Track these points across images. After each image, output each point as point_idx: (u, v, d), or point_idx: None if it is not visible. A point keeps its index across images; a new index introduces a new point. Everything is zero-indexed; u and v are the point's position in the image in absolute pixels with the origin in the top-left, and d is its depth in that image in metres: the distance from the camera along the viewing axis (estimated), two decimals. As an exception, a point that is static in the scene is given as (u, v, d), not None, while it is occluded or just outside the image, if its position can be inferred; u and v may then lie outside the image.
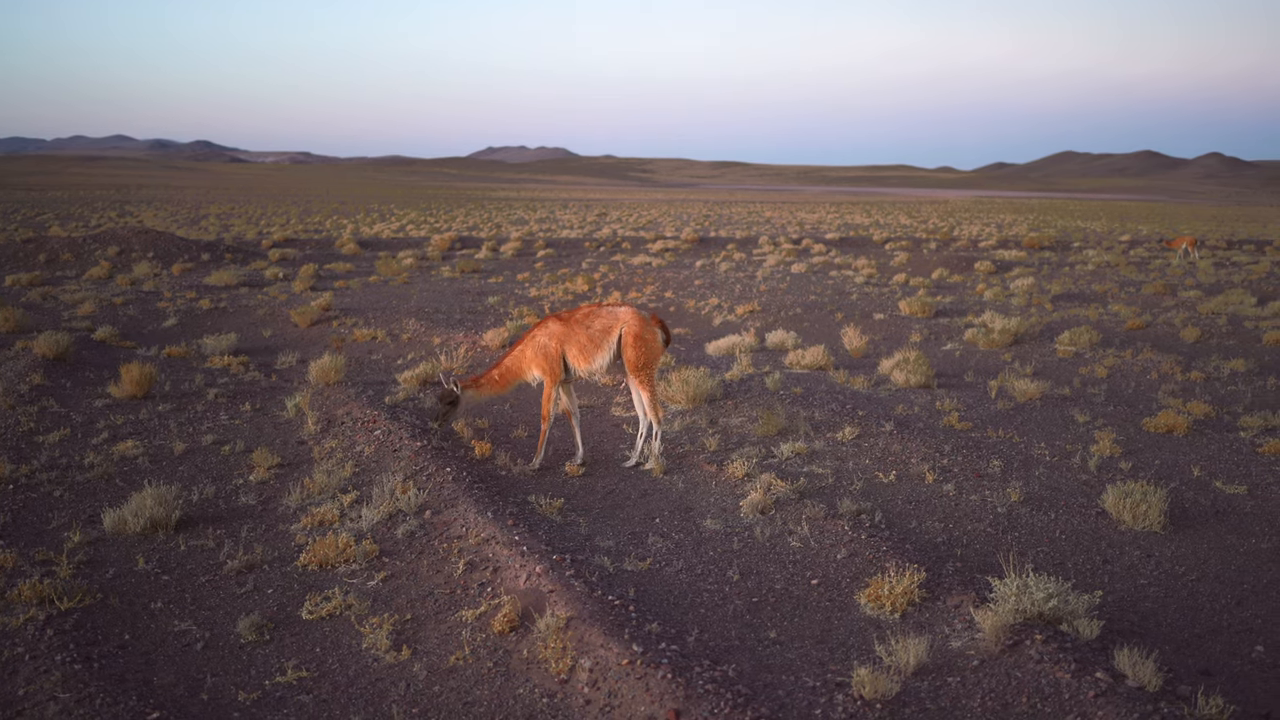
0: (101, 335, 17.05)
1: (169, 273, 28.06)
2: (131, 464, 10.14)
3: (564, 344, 9.85)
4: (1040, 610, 6.14)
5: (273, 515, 8.78)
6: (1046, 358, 15.72)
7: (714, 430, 11.11)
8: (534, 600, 6.59)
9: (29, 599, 6.87)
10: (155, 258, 30.35)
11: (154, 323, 19.26)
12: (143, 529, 8.23)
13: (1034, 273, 30.94)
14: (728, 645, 6.28)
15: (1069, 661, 5.64)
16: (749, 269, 31.45)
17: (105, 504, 8.88)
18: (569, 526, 8.30)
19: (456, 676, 6.05)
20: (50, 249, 31.24)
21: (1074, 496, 8.95)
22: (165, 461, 10.29)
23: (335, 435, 10.93)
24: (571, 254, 37.52)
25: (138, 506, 8.31)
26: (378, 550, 7.79)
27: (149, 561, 7.75)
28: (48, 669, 6.00)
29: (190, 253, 31.62)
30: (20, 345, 15.67)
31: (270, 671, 6.20)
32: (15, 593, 6.92)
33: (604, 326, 9.84)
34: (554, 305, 21.55)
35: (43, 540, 8.16)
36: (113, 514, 8.36)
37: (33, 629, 6.51)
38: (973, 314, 20.40)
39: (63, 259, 30.41)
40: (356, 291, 24.55)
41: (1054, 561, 7.60)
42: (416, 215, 73.33)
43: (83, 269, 28.72)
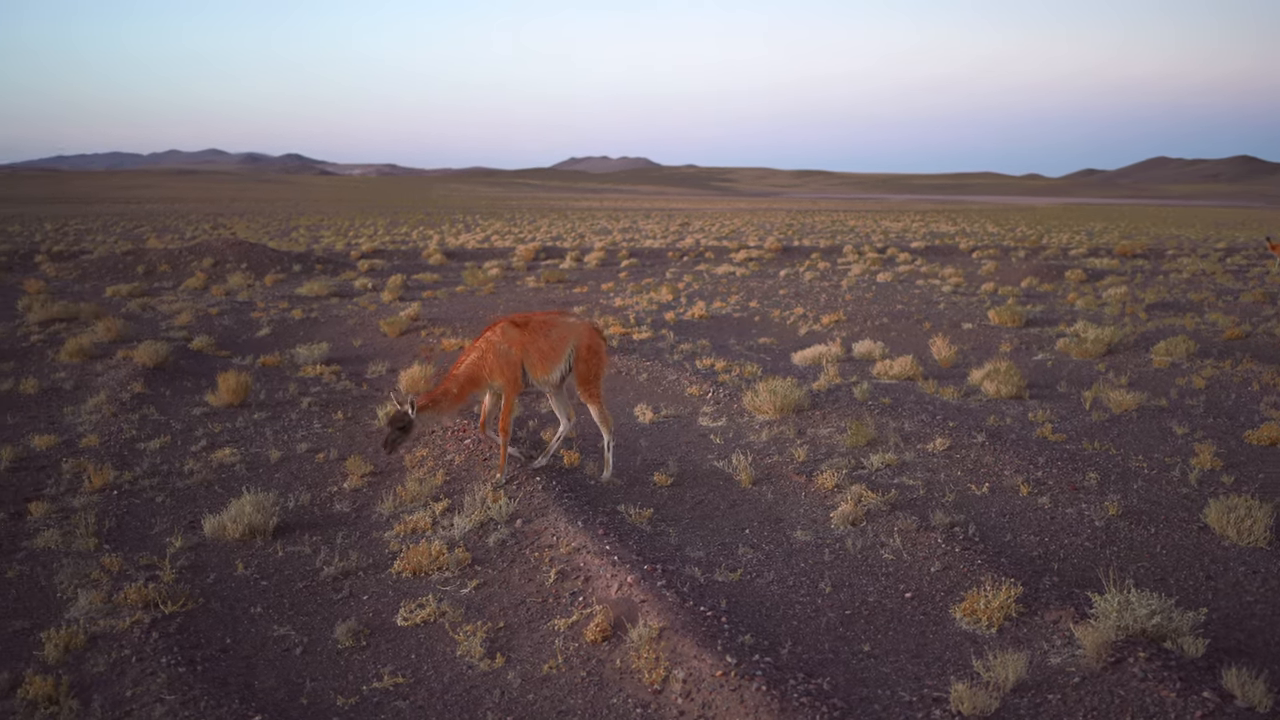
0: (198, 345, 17.42)
1: (262, 283, 28.59)
2: (229, 471, 10.35)
3: (524, 351, 9.46)
4: (1143, 627, 6.02)
5: (366, 522, 8.91)
6: (1142, 368, 15.41)
7: (802, 441, 11.05)
8: (626, 610, 6.60)
9: (135, 602, 7.04)
10: (248, 269, 30.93)
11: (248, 332, 19.64)
12: (242, 535, 8.40)
13: (1126, 281, 30.35)
14: (821, 658, 6.24)
15: (1174, 680, 5.52)
16: (834, 278, 31.25)
17: (205, 510, 9.08)
18: (659, 536, 8.30)
19: (550, 685, 6.08)
20: (148, 261, 32.01)
21: (1174, 510, 8.75)
22: (262, 469, 10.49)
23: (426, 444, 11.04)
24: (655, 264, 37.56)
25: (237, 513, 8.48)
26: (470, 558, 7.86)
27: (248, 567, 7.91)
28: (154, 671, 6.15)
29: (282, 264, 32.20)
30: (122, 354, 16.08)
31: (367, 677, 6.28)
32: (122, 596, 7.11)
33: (561, 336, 9.59)
34: (639, 315, 21.58)
35: (146, 545, 8.36)
36: (213, 520, 8.55)
37: (139, 632, 6.68)
38: (1064, 323, 20.06)
39: (160, 270, 31.13)
40: (443, 301, 24.81)
41: (1155, 577, 7.44)
42: (501, 226, 73.93)
43: (179, 280, 29.38)
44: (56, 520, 8.85)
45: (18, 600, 7.33)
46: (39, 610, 7.17)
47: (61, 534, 8.42)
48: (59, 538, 8.34)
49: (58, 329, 19.42)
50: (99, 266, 31.81)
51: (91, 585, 7.42)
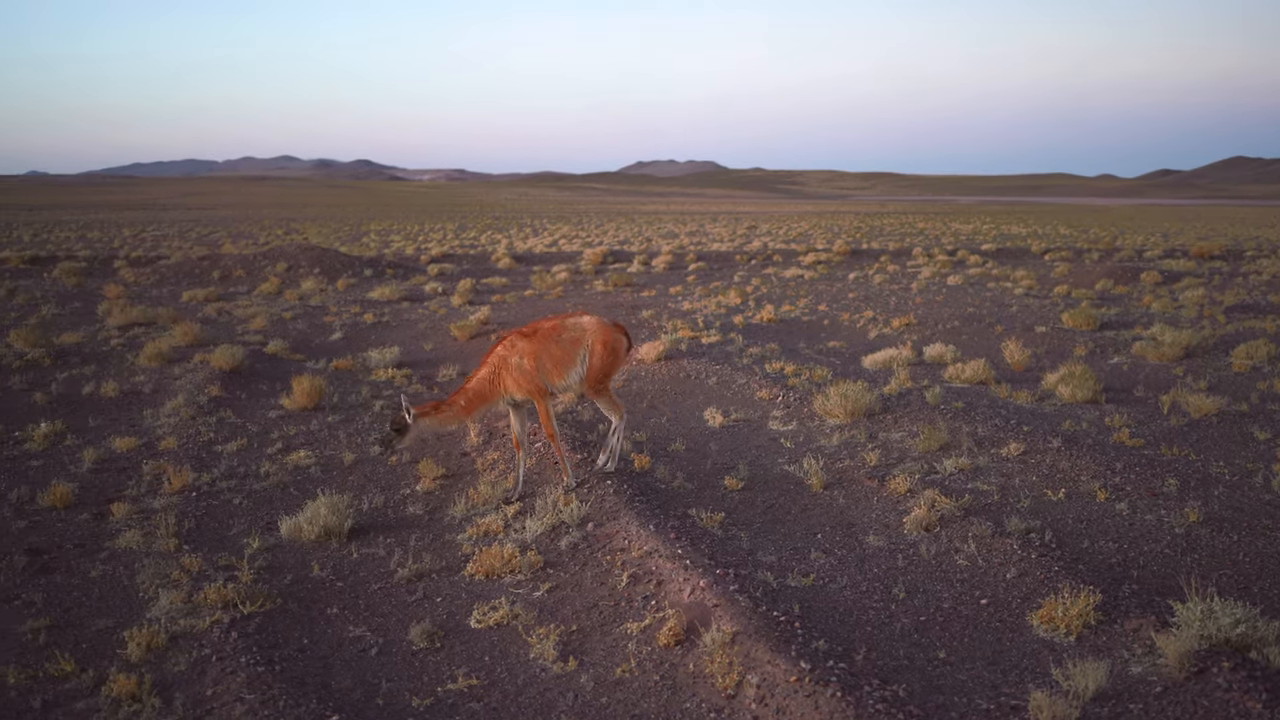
0: (273, 349, 17.67)
1: (334, 288, 28.94)
2: (304, 473, 10.49)
3: (537, 360, 9.36)
4: (1227, 636, 5.90)
5: (439, 525, 8.98)
6: (1221, 371, 15.12)
7: (873, 445, 10.96)
8: (699, 614, 6.59)
9: (214, 602, 7.16)
10: (321, 273, 31.34)
11: (321, 336, 19.89)
12: (317, 536, 8.50)
13: (1204, 283, 29.82)
14: (896, 664, 6.18)
15: (1260, 691, 5.40)
16: (903, 281, 31.01)
17: (281, 512, 9.21)
18: (730, 541, 8.28)
19: (623, 689, 6.08)
20: (224, 266, 32.54)
21: (1257, 518, 8.57)
22: (336, 471, 10.61)
23: (497, 447, 11.12)
24: (723, 267, 37.52)
25: (312, 515, 8.58)
26: (542, 561, 7.89)
27: (324, 568, 8.00)
28: (233, 670, 6.24)
29: (354, 268, 32.58)
30: (199, 358, 16.36)
31: (441, 678, 6.33)
32: (201, 596, 7.23)
33: (573, 339, 9.46)
34: (707, 318, 21.56)
35: (225, 546, 8.49)
36: (289, 521, 8.67)
37: (218, 631, 6.78)
38: (1140, 326, 19.75)
39: (235, 275, 31.63)
40: (513, 305, 24.96)
41: (1238, 585, 7.28)
42: (569, 230, 74.22)
43: (254, 284, 29.83)
44: (138, 521, 9.02)
45: (101, 599, 7.48)
46: (121, 609, 7.30)
47: (142, 534, 8.59)
48: (140, 538, 8.50)
49: (137, 333, 19.82)
50: (176, 272, 32.38)
51: (172, 585, 7.55)
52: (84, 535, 8.75)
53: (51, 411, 13.16)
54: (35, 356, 16.51)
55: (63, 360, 16.62)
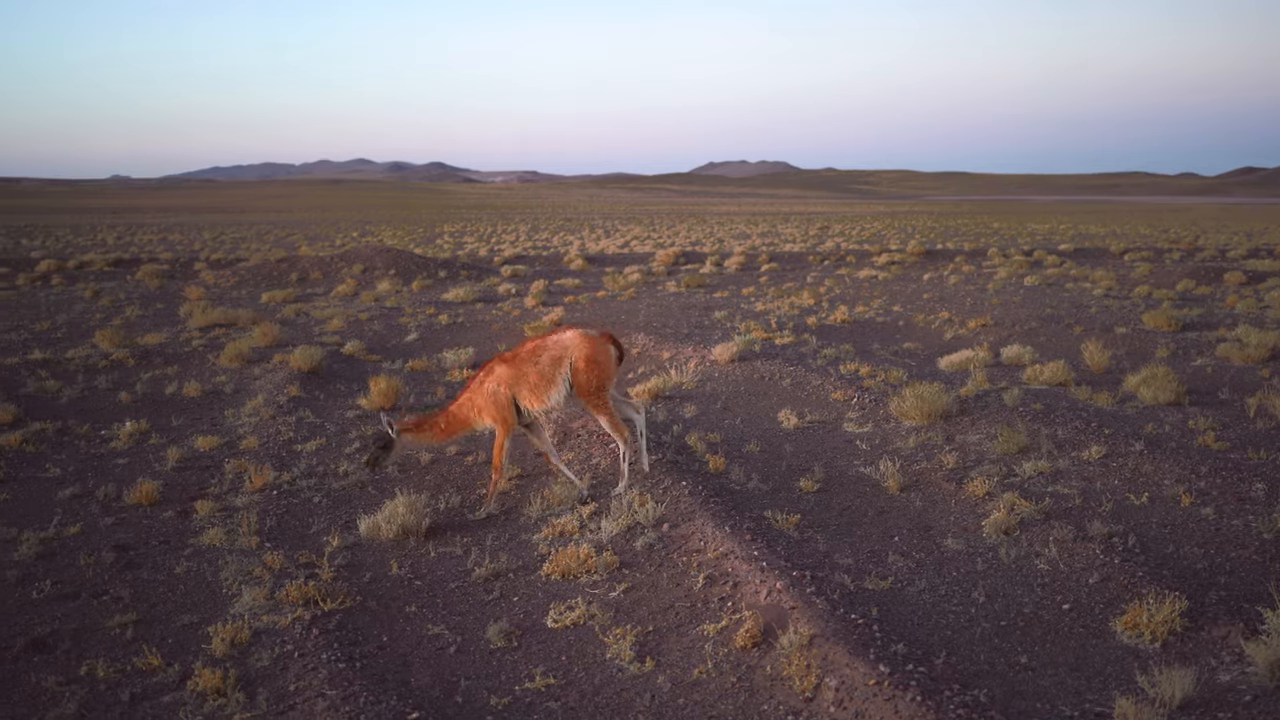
0: (350, 349, 17.88)
1: (409, 289, 29.23)
2: (382, 473, 10.60)
3: (513, 387, 9.33)
4: (1319, 644, 5.77)
5: (515, 525, 9.03)
6: (1309, 374, 14.76)
7: (950, 447, 10.85)
8: (775, 616, 6.56)
9: (295, 599, 7.26)
10: (396, 275, 31.66)
11: (397, 337, 20.09)
12: (395, 535, 8.59)
13: (1290, 283, 29.14)
14: (977, 669, 6.11)
15: (1354, 700, 5.27)
16: (979, 281, 30.65)
17: (360, 510, 9.32)
18: (806, 543, 8.23)
19: (700, 690, 6.07)
20: (301, 268, 33.00)
21: (1349, 523, 8.36)
22: (413, 471, 10.72)
23: (571, 447, 11.17)
24: (795, 268, 37.36)
25: (390, 514, 8.68)
26: (618, 562, 7.91)
27: (402, 567, 8.08)
28: (314, 666, 6.33)
29: (428, 270, 32.87)
30: (278, 359, 16.62)
31: (519, 677, 6.36)
32: (283, 593, 7.34)
33: (553, 359, 9.35)
34: (780, 319, 21.48)
35: (305, 544, 8.62)
36: (368, 520, 8.77)
37: (300, 628, 6.88)
38: (1224, 328, 19.34)
39: (312, 277, 32.07)
40: (585, 306, 25.03)
41: (1329, 592, 7.11)
42: (640, 231, 74.31)
43: (330, 286, 30.20)
44: (220, 518, 9.18)
45: (186, 595, 7.62)
46: (205, 605, 7.43)
47: (225, 532, 8.73)
48: (223, 535, 8.65)
49: (217, 334, 20.16)
50: (255, 274, 32.89)
51: (254, 582, 7.67)
52: (169, 532, 8.93)
53: (136, 411, 13.43)
54: (120, 357, 16.86)
55: (146, 360, 16.95)
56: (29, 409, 13.47)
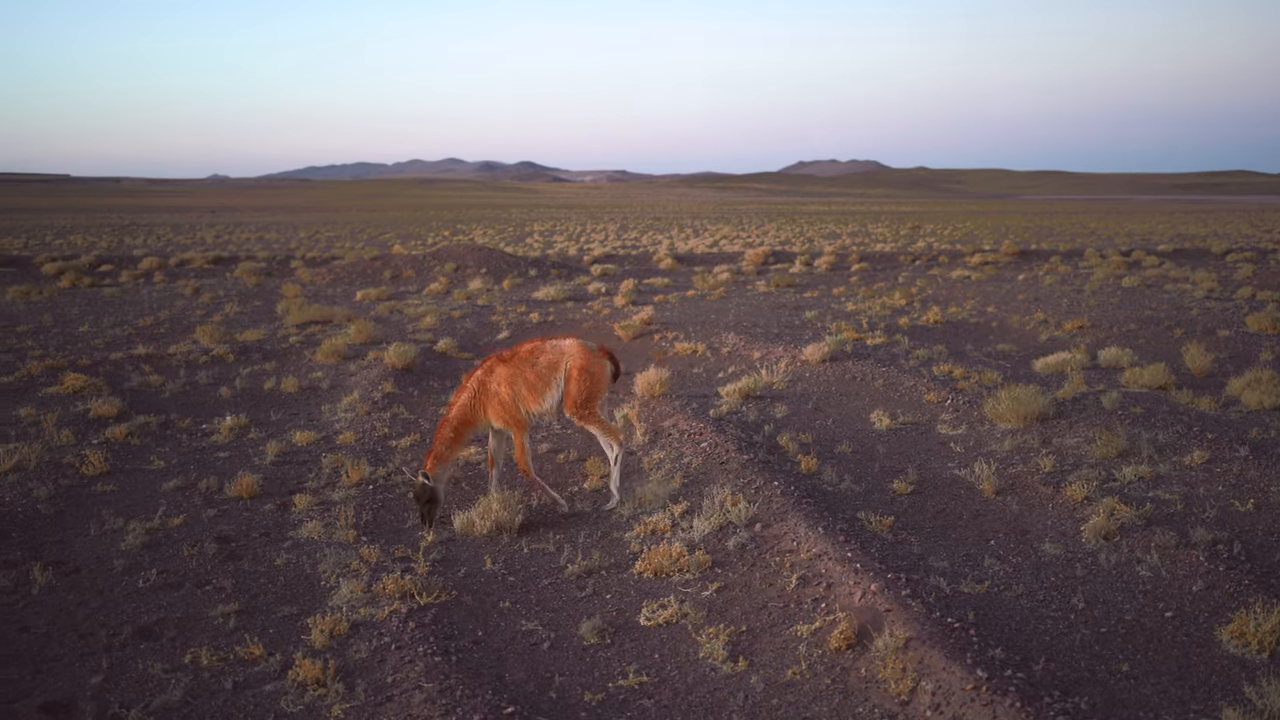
0: (442, 347, 18.08)
1: (500, 287, 29.48)
2: (475, 469, 10.70)
3: (513, 386, 9.27)
4: None
5: (606, 523, 9.07)
6: None
7: (1047, 450, 10.67)
8: (870, 618, 6.51)
9: (392, 593, 7.37)
10: (487, 273, 31.95)
11: (488, 335, 20.28)
12: (489, 531, 8.68)
13: (1402, 286, 28.20)
14: (1077, 676, 6.00)
15: None
16: (1075, 282, 30.10)
17: (454, 506, 9.42)
18: (900, 545, 8.16)
19: (794, 691, 6.05)
20: (394, 266, 33.46)
21: None
22: (506, 467, 10.80)
23: (663, 446, 11.18)
24: (886, 268, 37.02)
25: (484, 509, 8.77)
26: (710, 561, 7.90)
27: (495, 562, 8.16)
28: (411, 659, 6.41)
29: (519, 268, 33.13)
30: (372, 355, 16.88)
31: (612, 674, 6.39)
32: (380, 586, 7.45)
33: (549, 362, 9.33)
34: (871, 320, 21.30)
35: (400, 538, 8.74)
36: (462, 516, 8.86)
37: (396, 621, 6.98)
38: (1333, 331, 18.78)
39: (405, 275, 32.50)
40: (675, 306, 25.05)
41: None
42: (729, 230, 74.16)
43: (423, 284, 30.58)
44: (318, 512, 9.35)
45: (285, 587, 7.77)
46: (305, 597, 7.57)
47: (323, 525, 8.89)
48: (321, 529, 8.80)
49: (314, 331, 20.51)
50: (349, 272, 33.41)
51: (352, 575, 7.80)
52: (269, 525, 9.11)
53: (236, 405, 13.73)
54: (220, 353, 17.24)
55: (245, 356, 17.31)
56: (134, 403, 13.84)
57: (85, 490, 10.07)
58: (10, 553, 8.35)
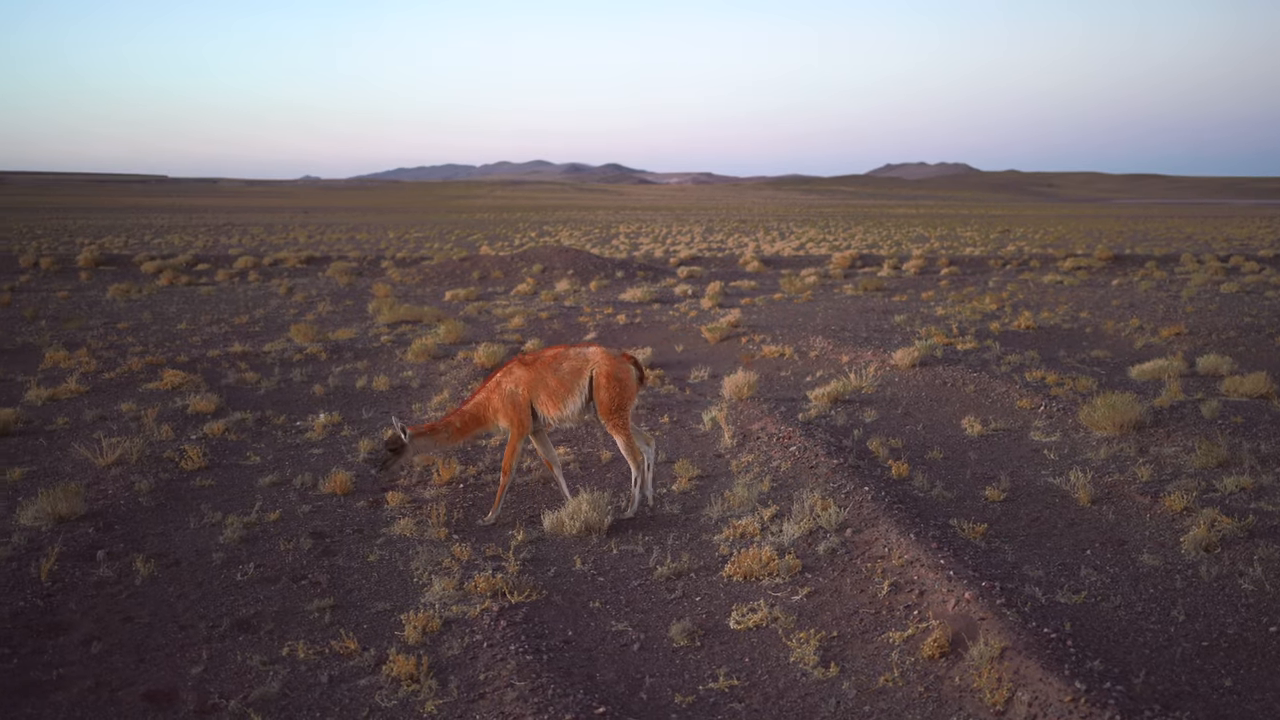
0: (531, 347, 18.21)
1: (587, 289, 29.62)
2: (564, 469, 10.75)
3: (531, 390, 9.25)
4: None
5: (695, 525, 9.06)
6: None
7: (1144, 459, 10.46)
8: (964, 627, 6.43)
9: (484, 591, 7.44)
10: (574, 275, 32.12)
11: (576, 336, 20.37)
12: (578, 532, 8.72)
13: None
14: (1178, 690, 5.87)
15: None
16: (1171, 288, 29.48)
17: (543, 506, 9.48)
18: (994, 553, 8.05)
19: (886, 698, 5.99)
20: (482, 267, 33.79)
21: None
22: (594, 468, 10.86)
23: (751, 450, 11.15)
24: (976, 272, 36.56)
25: (574, 510, 8.81)
26: (800, 565, 7.86)
27: (585, 563, 8.19)
28: (503, 657, 6.47)
29: (605, 270, 33.26)
30: (462, 355, 17.06)
31: (702, 677, 6.38)
32: (472, 584, 7.53)
33: (573, 369, 9.27)
34: (962, 324, 21.04)
35: (491, 537, 8.81)
36: (551, 516, 8.91)
37: (488, 619, 7.05)
38: None
39: (493, 276, 32.79)
40: (762, 308, 24.96)
41: None
42: (815, 233, 73.78)
43: (511, 285, 30.82)
44: (410, 510, 9.46)
45: (379, 583, 7.87)
46: (397, 593, 7.67)
47: (415, 523, 8.99)
48: (413, 526, 8.91)
49: (404, 330, 20.79)
50: (438, 272, 33.79)
51: (444, 572, 7.88)
52: (362, 521, 9.24)
53: (329, 403, 13.95)
54: (313, 351, 17.55)
55: (337, 355, 17.59)
56: (230, 399, 14.13)
57: (185, 484, 10.31)
58: (114, 544, 8.57)
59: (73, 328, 21.68)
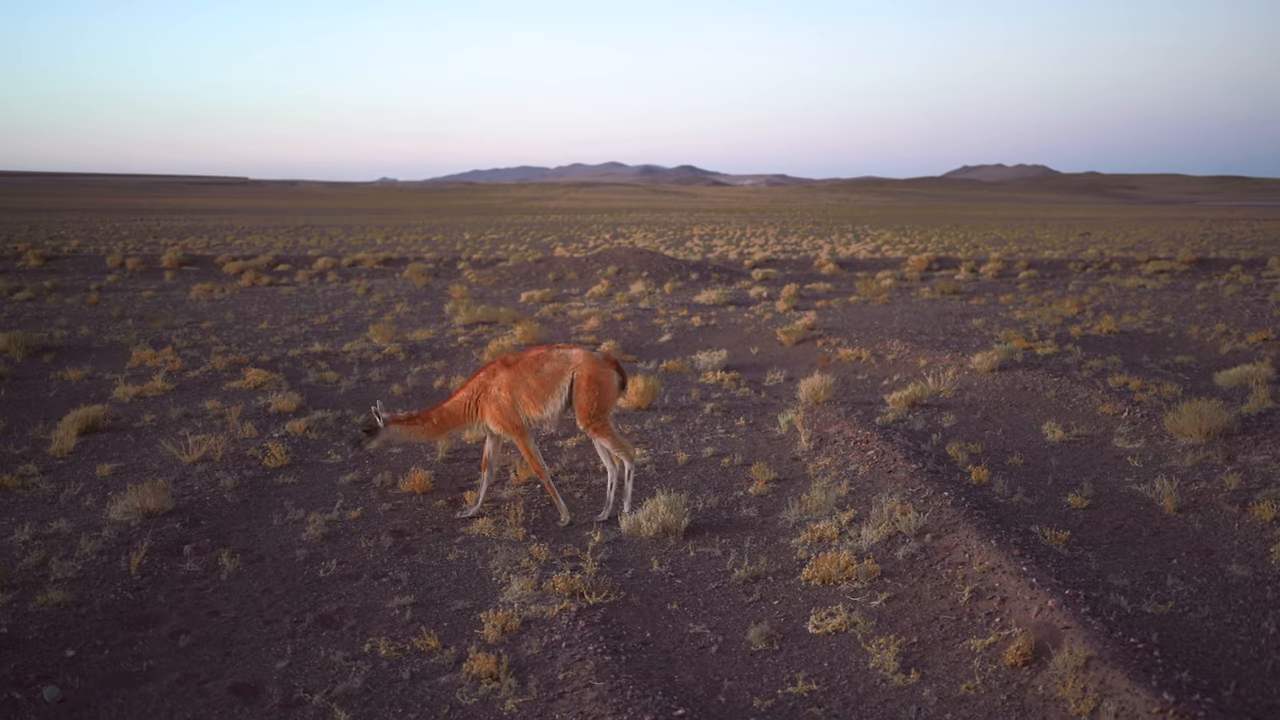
0: (606, 349, 18.25)
1: (661, 291, 29.63)
2: (640, 471, 10.77)
3: (513, 391, 9.26)
4: None
5: (772, 528, 9.02)
6: None
7: (1232, 467, 10.24)
8: (1048, 635, 6.34)
9: (562, 591, 7.47)
10: (649, 276, 32.15)
11: (651, 338, 20.39)
12: (655, 533, 8.72)
13: None
14: (1270, 704, 5.74)
15: None
16: (1258, 292, 28.84)
17: (620, 507, 9.48)
18: (1077, 561, 7.93)
19: (968, 706, 5.93)
20: (557, 268, 33.95)
21: None
22: (670, 470, 10.86)
23: (828, 453, 11.09)
24: (1056, 275, 36.06)
25: (651, 512, 8.81)
26: (879, 570, 7.80)
27: (662, 564, 8.20)
28: (582, 657, 6.49)
29: (680, 272, 33.27)
30: (537, 356, 17.12)
31: (781, 681, 6.35)
32: (550, 584, 7.56)
33: (555, 370, 9.29)
34: (1041, 329, 20.76)
35: (568, 537, 8.85)
36: (628, 518, 8.93)
37: (566, 619, 7.08)
38: None
39: (568, 277, 32.94)
40: (837, 311, 24.83)
41: None
42: (891, 236, 73.20)
43: (585, 286, 30.94)
44: (488, 509, 9.54)
45: (458, 581, 7.94)
46: (476, 592, 7.73)
47: (493, 523, 9.07)
48: (491, 526, 8.98)
49: (480, 331, 20.94)
50: (513, 273, 34.02)
51: (522, 572, 7.93)
52: (441, 520, 9.33)
53: (406, 403, 14.10)
54: (391, 351, 17.75)
55: (415, 355, 17.77)
56: (311, 398, 14.35)
57: (268, 481, 10.47)
58: (200, 539, 8.74)
59: (158, 327, 22.12)
